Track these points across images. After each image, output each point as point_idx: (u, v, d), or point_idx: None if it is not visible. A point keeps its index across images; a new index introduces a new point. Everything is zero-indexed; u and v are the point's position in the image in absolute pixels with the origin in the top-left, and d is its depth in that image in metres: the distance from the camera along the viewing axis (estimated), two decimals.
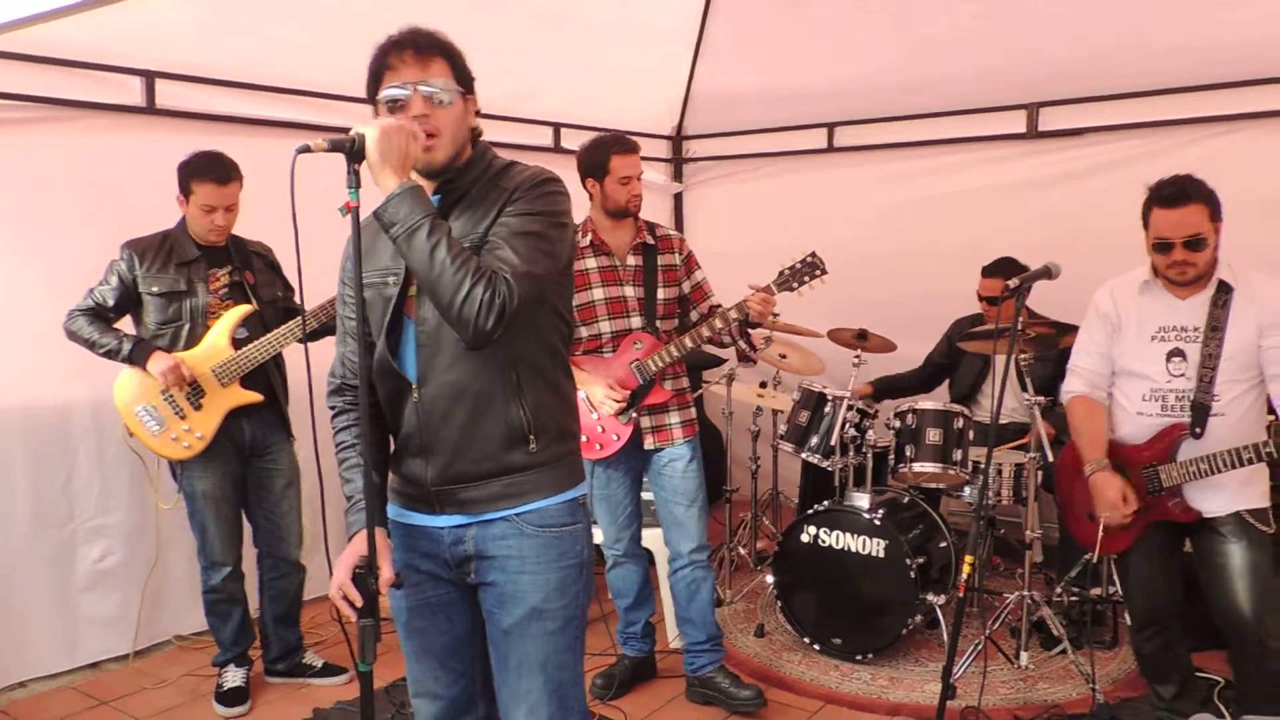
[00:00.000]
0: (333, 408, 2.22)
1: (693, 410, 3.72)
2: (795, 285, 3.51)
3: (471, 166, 2.08)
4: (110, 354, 3.51)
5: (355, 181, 1.87)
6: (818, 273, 3.51)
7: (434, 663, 2.22)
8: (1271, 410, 3.02)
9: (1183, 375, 3.00)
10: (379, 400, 2.13)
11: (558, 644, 2.09)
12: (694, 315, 3.72)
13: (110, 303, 3.57)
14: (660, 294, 3.63)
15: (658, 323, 3.62)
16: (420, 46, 2.00)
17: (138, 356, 3.50)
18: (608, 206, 3.57)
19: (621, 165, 3.52)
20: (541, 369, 2.08)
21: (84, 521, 4.04)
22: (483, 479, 2.06)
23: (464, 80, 2.06)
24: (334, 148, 1.85)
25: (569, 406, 2.18)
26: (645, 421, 3.62)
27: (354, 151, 1.87)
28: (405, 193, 1.88)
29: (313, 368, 2.18)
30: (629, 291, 3.60)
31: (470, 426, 2.03)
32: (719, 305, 3.69)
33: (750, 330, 3.65)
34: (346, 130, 1.90)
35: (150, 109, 4.08)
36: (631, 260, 3.61)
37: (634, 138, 3.65)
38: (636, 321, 3.60)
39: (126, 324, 3.67)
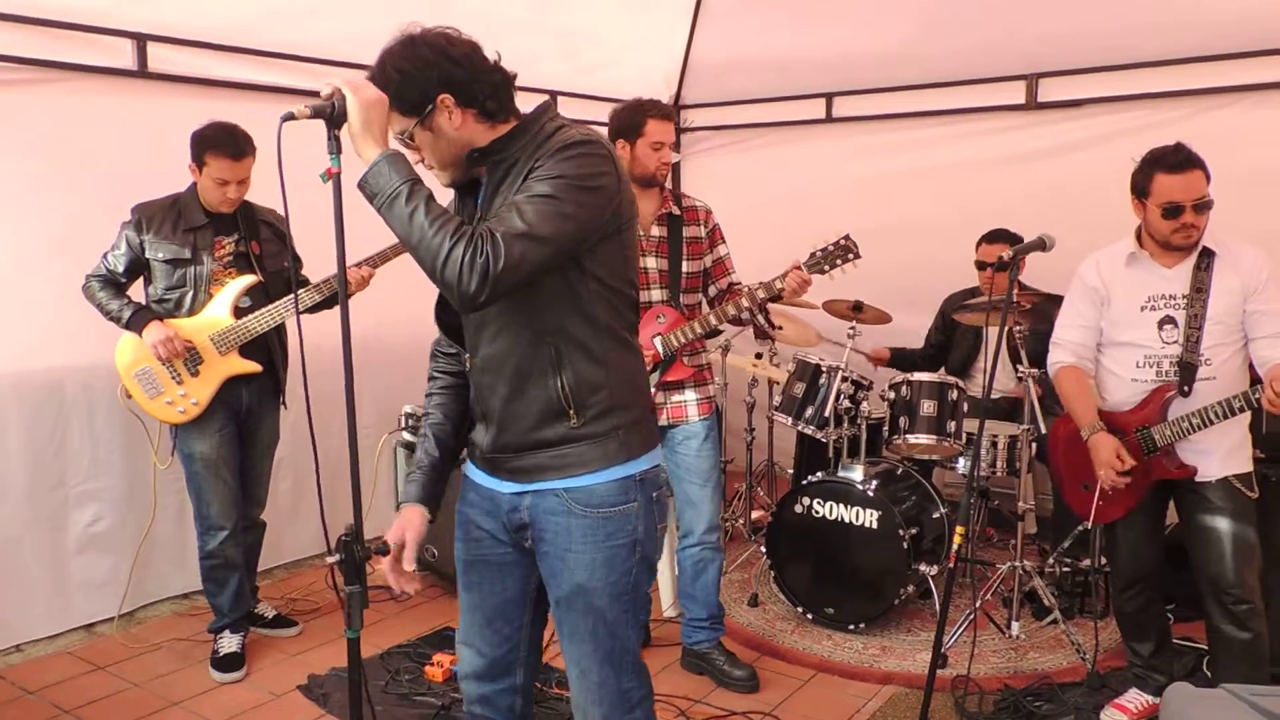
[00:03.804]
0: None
1: (711, 388, 3.66)
2: (827, 268, 3.42)
3: (517, 136, 2.01)
4: (114, 320, 3.58)
5: (336, 147, 1.84)
6: (851, 257, 3.42)
7: (481, 620, 2.25)
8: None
9: (1175, 342, 3.06)
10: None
11: (606, 618, 2.09)
12: (712, 291, 3.65)
13: (120, 268, 3.62)
14: (684, 267, 3.55)
15: (681, 296, 3.55)
16: None
17: (135, 324, 3.55)
18: (635, 172, 3.44)
19: (656, 130, 3.42)
20: (582, 341, 2.01)
21: (75, 486, 4.06)
22: (527, 450, 2.07)
23: (418, 100, 1.94)
24: (316, 114, 1.83)
25: (622, 378, 2.07)
26: (660, 397, 3.57)
27: (334, 117, 1.84)
28: (384, 161, 1.84)
29: (305, 339, 2.14)
30: (651, 263, 3.52)
31: (512, 399, 2.05)
32: (739, 283, 3.60)
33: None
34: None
35: (142, 73, 4.04)
36: (655, 231, 3.53)
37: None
38: (658, 295, 3.53)
39: (137, 288, 3.71)
